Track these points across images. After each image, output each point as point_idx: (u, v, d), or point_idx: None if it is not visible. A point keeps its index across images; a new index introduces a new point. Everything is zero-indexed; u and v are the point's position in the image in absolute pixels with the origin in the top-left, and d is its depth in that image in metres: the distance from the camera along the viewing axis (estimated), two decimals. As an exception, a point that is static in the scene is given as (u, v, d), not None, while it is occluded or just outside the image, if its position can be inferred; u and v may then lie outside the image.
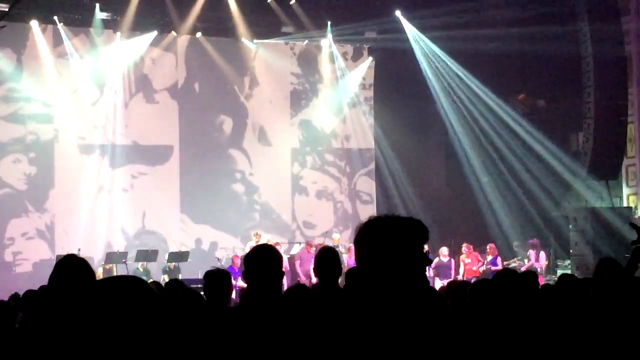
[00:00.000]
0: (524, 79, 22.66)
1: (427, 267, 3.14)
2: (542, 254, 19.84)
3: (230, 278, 6.54)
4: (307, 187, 23.82)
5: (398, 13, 22.19)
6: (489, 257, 19.55)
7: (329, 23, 22.60)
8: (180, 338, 4.80)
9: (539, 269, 18.95)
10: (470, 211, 22.90)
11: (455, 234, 21.78)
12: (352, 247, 18.61)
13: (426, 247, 17.19)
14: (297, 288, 5.80)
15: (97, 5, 20.28)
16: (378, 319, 2.96)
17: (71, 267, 4.24)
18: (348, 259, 18.22)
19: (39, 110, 20.99)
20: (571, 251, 19.68)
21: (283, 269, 4.63)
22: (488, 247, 19.89)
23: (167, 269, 19.73)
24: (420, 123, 24.00)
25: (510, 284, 4.96)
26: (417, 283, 3.04)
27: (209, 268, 6.74)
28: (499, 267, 19.24)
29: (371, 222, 3.06)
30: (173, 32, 21.87)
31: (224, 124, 23.05)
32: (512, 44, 21.06)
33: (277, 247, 19.09)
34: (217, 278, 6.34)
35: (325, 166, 24.11)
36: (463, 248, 19.83)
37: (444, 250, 19.72)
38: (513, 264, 19.87)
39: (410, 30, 22.54)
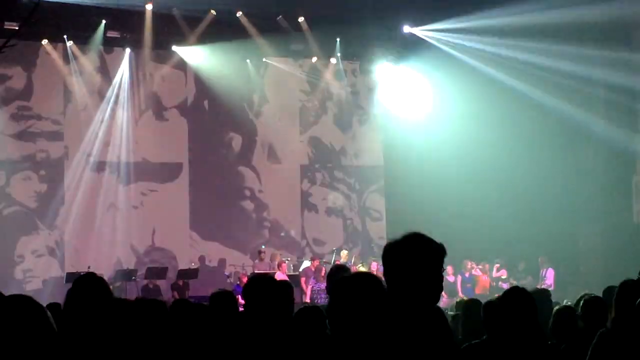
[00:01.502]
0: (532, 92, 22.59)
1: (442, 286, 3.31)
2: (550, 271, 19.59)
3: (237, 299, 6.56)
4: (317, 204, 23.81)
5: (406, 28, 22.15)
6: (467, 274, 19.27)
7: (338, 40, 22.65)
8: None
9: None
10: (479, 228, 22.79)
11: (464, 251, 21.69)
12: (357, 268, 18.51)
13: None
14: (308, 309, 5.74)
15: (106, 23, 20.37)
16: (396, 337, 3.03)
17: (89, 285, 4.26)
18: None
19: (49, 127, 21.08)
20: (581, 268, 19.59)
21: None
22: (468, 263, 19.65)
23: (177, 286, 19.71)
24: (429, 139, 23.95)
25: (522, 303, 4.91)
26: (433, 300, 3.21)
27: (218, 285, 6.76)
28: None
29: (398, 240, 3.24)
30: (183, 49, 21.93)
31: (233, 141, 23.08)
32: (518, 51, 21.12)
33: (283, 264, 19.20)
34: (224, 299, 6.34)
35: (335, 183, 24.10)
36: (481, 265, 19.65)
37: (449, 270, 19.60)
38: (523, 281, 19.78)
39: (426, 36, 22.36)
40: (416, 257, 3.16)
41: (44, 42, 20.64)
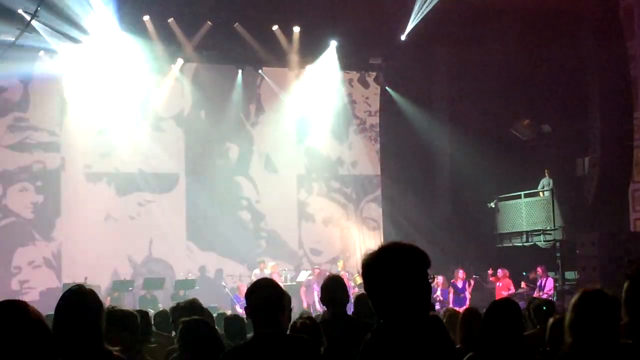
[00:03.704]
0: (530, 103, 22.62)
1: (430, 295, 3.13)
2: (550, 280, 19.53)
3: (244, 323, 6.65)
4: (314, 213, 23.79)
5: (404, 37, 22.12)
6: (459, 283, 19.18)
7: (334, 50, 22.65)
8: None
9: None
10: (477, 237, 22.81)
11: (462, 260, 21.69)
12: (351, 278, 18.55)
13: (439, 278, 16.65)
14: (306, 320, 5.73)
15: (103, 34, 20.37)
16: (386, 349, 2.95)
17: (79, 297, 4.20)
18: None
19: (46, 139, 21.07)
20: (578, 277, 19.56)
21: (284, 303, 4.54)
22: (459, 272, 19.53)
23: (175, 297, 19.64)
24: (427, 148, 23.98)
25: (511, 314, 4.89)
26: (421, 312, 3.03)
27: (215, 295, 6.79)
28: (466, 294, 19.08)
29: (375, 254, 3.11)
30: (179, 60, 21.96)
31: (230, 151, 23.08)
32: (517, 68, 21.11)
33: (275, 275, 19.17)
34: (235, 323, 6.44)
35: (332, 193, 24.08)
36: (498, 272, 19.55)
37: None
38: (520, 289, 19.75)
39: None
40: (395, 270, 2.96)
41: (41, 53, 20.62)
